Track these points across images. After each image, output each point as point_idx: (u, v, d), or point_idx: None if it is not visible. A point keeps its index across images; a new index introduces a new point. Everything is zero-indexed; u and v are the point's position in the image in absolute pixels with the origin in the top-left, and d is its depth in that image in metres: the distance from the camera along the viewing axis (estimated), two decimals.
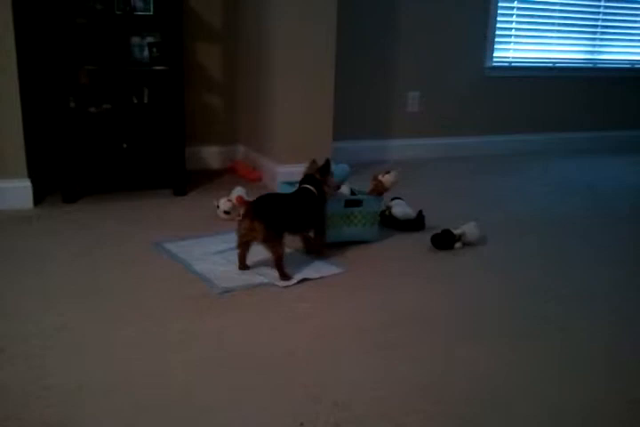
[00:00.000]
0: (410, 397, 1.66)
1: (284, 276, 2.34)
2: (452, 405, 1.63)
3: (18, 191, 3.06)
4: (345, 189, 2.78)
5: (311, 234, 2.58)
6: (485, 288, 2.40)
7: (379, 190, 2.76)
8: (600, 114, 5.28)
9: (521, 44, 4.95)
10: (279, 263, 2.34)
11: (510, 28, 4.87)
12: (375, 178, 2.79)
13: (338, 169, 2.80)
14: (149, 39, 3.37)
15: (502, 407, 1.64)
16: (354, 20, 4.17)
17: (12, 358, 1.76)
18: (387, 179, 2.75)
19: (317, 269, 2.44)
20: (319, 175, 2.53)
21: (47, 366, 1.74)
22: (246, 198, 2.72)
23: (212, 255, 2.52)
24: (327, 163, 2.56)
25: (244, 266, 2.42)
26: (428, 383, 1.73)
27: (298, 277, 2.36)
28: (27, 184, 3.09)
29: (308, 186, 2.51)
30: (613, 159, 4.95)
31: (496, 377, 1.78)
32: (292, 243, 2.54)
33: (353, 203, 2.70)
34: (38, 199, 3.16)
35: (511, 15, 4.84)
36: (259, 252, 2.39)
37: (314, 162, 2.58)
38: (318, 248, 2.60)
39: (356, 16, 4.21)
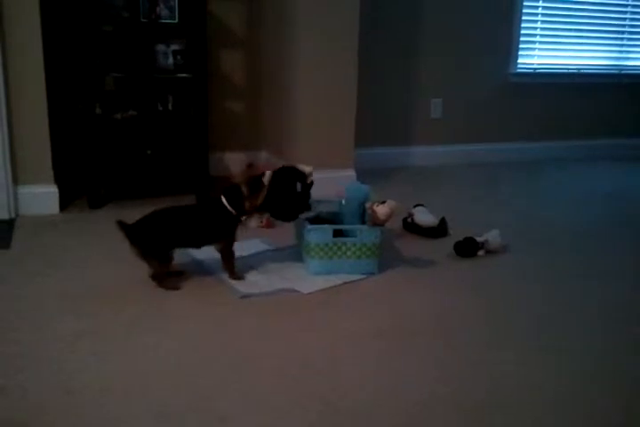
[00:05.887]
0: (432, 405, 1.65)
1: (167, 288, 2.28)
2: (475, 413, 1.62)
3: (44, 197, 3.10)
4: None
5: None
6: (507, 296, 2.38)
7: (374, 221, 2.44)
8: (626, 121, 5.21)
9: (545, 51, 4.92)
10: (155, 276, 2.28)
11: (535, 34, 4.84)
12: (370, 207, 2.48)
13: (352, 189, 2.60)
14: (174, 47, 3.41)
15: (525, 417, 1.62)
16: (377, 26, 4.18)
17: (34, 363, 1.79)
18: (380, 210, 2.43)
19: (340, 276, 2.44)
20: (247, 191, 2.27)
21: (68, 370, 1.75)
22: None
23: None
24: (258, 179, 2.25)
25: None
26: (449, 391, 1.71)
27: (319, 284, 2.37)
28: (53, 190, 3.13)
29: (222, 199, 2.29)
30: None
31: (518, 385, 1.76)
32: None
33: (345, 233, 2.45)
34: (64, 205, 3.19)
35: (536, 21, 4.81)
36: (278, 258, 2.38)
37: (250, 166, 2.32)
38: (228, 270, 2.40)
39: (379, 22, 4.21)
